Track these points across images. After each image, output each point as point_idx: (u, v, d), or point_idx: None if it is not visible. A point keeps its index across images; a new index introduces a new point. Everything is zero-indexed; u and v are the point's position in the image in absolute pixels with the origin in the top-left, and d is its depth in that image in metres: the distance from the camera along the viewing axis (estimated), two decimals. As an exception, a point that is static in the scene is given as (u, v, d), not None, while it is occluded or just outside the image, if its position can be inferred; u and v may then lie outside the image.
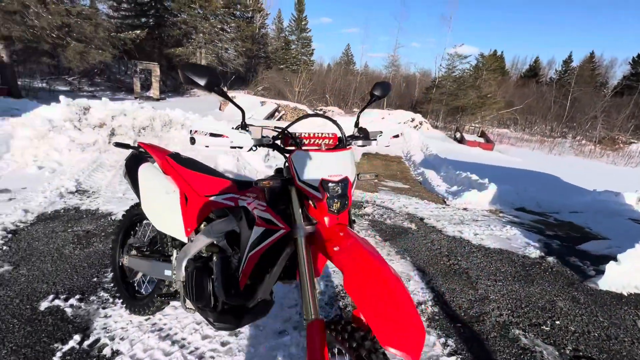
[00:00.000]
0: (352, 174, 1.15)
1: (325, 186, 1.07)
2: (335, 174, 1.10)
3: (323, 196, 1.07)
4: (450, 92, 30.60)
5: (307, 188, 1.08)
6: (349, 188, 1.11)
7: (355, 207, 4.18)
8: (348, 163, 1.15)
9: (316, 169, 1.09)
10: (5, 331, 1.67)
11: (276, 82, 26.61)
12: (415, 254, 3.03)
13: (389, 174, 7.66)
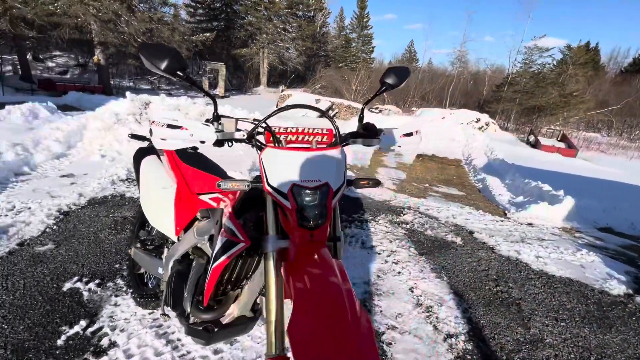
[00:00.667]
0: (336, 179, 0.91)
1: (296, 193, 0.86)
2: (311, 178, 0.87)
3: (292, 206, 0.86)
4: (525, 89, 27.26)
5: (276, 195, 0.88)
6: (329, 198, 0.88)
7: (393, 213, 3.83)
8: (332, 166, 0.92)
9: (288, 172, 0.88)
10: (29, 307, 1.78)
11: (334, 80, 26.61)
12: (454, 273, 2.61)
13: (444, 178, 7.00)
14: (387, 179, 5.97)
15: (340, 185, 0.93)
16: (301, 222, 0.86)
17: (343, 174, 0.95)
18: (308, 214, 0.86)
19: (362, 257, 2.67)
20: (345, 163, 0.97)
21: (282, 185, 0.87)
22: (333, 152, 0.94)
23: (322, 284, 0.77)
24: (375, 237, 3.07)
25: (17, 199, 2.99)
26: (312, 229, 0.87)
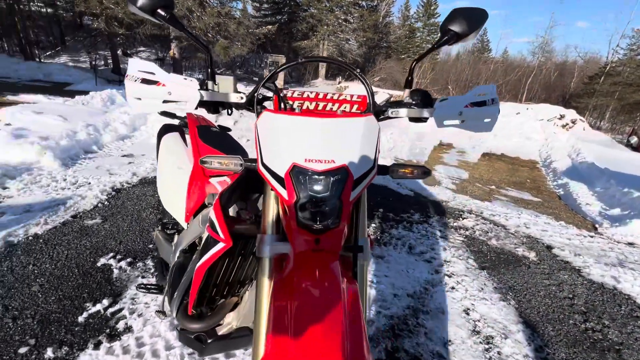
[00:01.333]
0: (360, 162, 0.62)
1: (296, 178, 0.59)
2: (321, 157, 0.60)
3: (289, 197, 0.59)
4: (628, 81, 22.86)
5: (270, 179, 0.62)
6: (345, 187, 0.60)
7: (450, 216, 3.33)
8: (355, 141, 0.63)
9: (289, 146, 0.62)
10: (64, 278, 1.82)
11: (394, 72, 25.48)
12: (525, 297, 2.10)
13: (515, 181, 6.09)
14: (445, 177, 5.36)
15: (366, 171, 0.63)
16: (303, 221, 0.59)
17: (372, 155, 0.65)
18: (313, 210, 0.58)
19: (408, 264, 2.30)
20: (377, 140, 0.67)
21: (278, 164, 0.61)
22: (359, 122, 0.65)
23: (315, 325, 0.49)
24: (427, 242, 2.66)
25: (81, 175, 3.23)
26: (319, 232, 0.60)
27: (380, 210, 3.20)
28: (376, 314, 1.78)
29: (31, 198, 2.67)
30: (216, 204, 0.74)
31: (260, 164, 0.64)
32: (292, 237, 0.62)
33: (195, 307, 0.82)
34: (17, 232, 2.19)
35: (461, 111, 0.74)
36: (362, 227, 0.73)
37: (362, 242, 0.71)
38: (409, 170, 0.74)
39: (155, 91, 0.69)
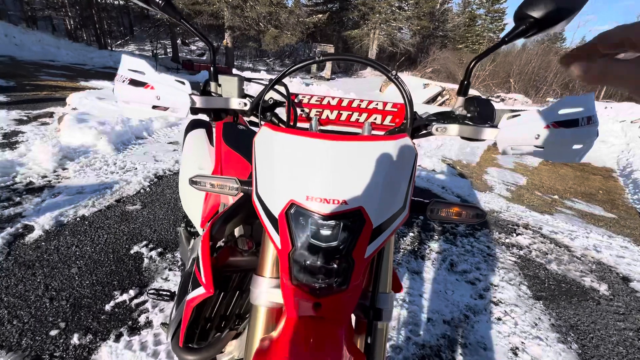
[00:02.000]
0: (384, 201, 0.45)
1: (293, 221, 0.45)
2: (326, 195, 0.44)
3: (283, 244, 0.45)
4: None
5: (262, 215, 0.49)
6: (360, 239, 0.44)
7: (502, 230, 2.95)
8: (378, 174, 0.46)
9: (288, 177, 0.47)
10: (100, 263, 1.89)
11: (449, 63, 23.85)
12: (592, 342, 1.76)
13: (583, 191, 5.33)
14: (499, 182, 4.84)
15: (393, 214, 0.46)
16: (298, 278, 0.45)
17: (403, 191, 0.48)
18: (313, 265, 0.44)
19: (447, 284, 2.06)
20: (412, 171, 0.50)
21: (272, 200, 0.47)
22: (387, 148, 0.48)
23: None
24: (471, 260, 2.37)
25: (129, 160, 3.41)
26: (320, 294, 0.45)
27: (420, 218, 2.94)
28: (405, 340, 1.59)
29: (84, 180, 2.87)
30: (205, 238, 0.63)
31: (255, 194, 0.51)
32: (285, 295, 0.49)
33: (185, 343, 0.73)
34: (68, 212, 2.34)
35: (539, 134, 0.52)
36: (383, 280, 0.56)
37: (382, 302, 0.54)
38: (454, 210, 0.55)
39: (143, 95, 0.59)
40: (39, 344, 1.38)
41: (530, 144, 0.53)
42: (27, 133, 3.79)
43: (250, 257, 0.68)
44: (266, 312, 0.55)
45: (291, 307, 0.48)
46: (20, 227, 2.11)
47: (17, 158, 3.02)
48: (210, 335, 0.75)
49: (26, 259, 1.85)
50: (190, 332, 0.72)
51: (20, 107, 4.83)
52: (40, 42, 13.41)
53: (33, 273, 1.76)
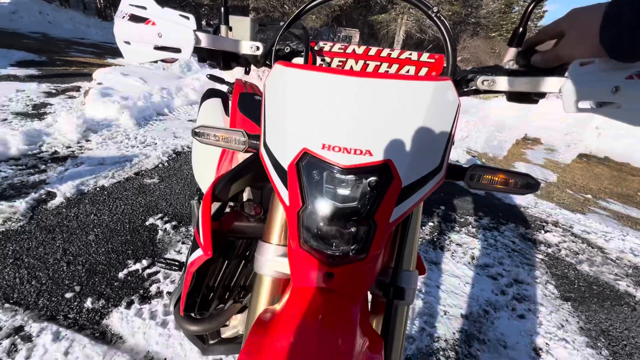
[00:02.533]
0: (419, 158, 0.37)
1: (306, 174, 0.37)
2: (347, 144, 0.36)
3: (292, 201, 0.38)
4: None
5: (270, 168, 0.41)
6: (385, 200, 0.36)
7: (528, 226, 2.78)
8: (413, 121, 0.37)
9: (302, 121, 0.39)
10: (116, 232, 1.91)
11: (480, 52, 22.73)
12: (626, 350, 1.62)
13: (620, 192, 4.97)
14: (527, 177, 4.57)
15: (427, 174, 0.38)
16: (308, 242, 0.38)
17: (441, 147, 0.40)
18: (326, 229, 0.36)
19: (467, 278, 1.95)
20: (453, 123, 0.41)
21: (282, 149, 0.39)
22: (425, 90, 0.39)
23: None
24: (494, 254, 2.24)
25: (149, 135, 3.44)
26: (333, 263, 0.38)
27: (441, 208, 2.81)
28: (419, 331, 1.52)
29: (106, 152, 2.92)
30: (206, 197, 0.56)
31: (263, 146, 0.44)
32: (292, 262, 0.42)
33: (186, 311, 0.68)
34: (88, 182, 2.39)
35: (617, 86, 0.41)
36: (408, 254, 0.48)
37: (405, 280, 0.46)
38: (500, 178, 0.46)
39: (143, 32, 0.52)
40: (55, 305, 1.41)
41: (604, 99, 0.42)
42: (55, 105, 3.89)
43: (257, 224, 0.62)
44: (271, 283, 0.48)
45: (298, 276, 0.41)
46: (43, 193, 2.17)
47: (45, 128, 3.10)
48: (211, 305, 0.70)
49: (47, 223, 1.90)
50: (191, 300, 0.67)
51: (50, 81, 4.98)
52: (72, 20, 13.78)
53: (53, 237, 1.80)
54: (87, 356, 1.21)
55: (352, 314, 0.39)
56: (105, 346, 1.26)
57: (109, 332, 1.33)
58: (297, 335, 0.35)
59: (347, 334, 0.36)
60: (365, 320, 0.41)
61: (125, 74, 4.80)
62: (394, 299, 0.45)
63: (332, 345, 0.35)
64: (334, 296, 0.40)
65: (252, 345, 0.37)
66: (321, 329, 0.35)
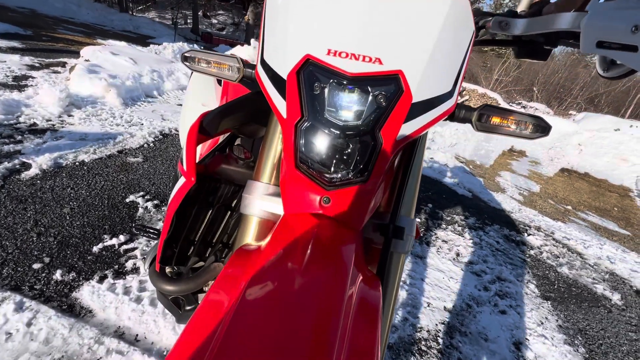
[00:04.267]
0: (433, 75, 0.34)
1: (307, 81, 0.34)
2: (355, 50, 0.33)
3: (289, 111, 0.34)
4: None
5: (266, 83, 0.38)
6: (393, 114, 0.33)
7: (512, 228, 2.82)
8: (429, 35, 0.34)
9: (305, 27, 0.36)
10: (93, 207, 1.82)
11: (472, 64, 23.22)
12: (601, 348, 1.64)
13: (598, 206, 5.14)
14: (512, 186, 4.68)
15: (439, 96, 0.35)
16: (304, 160, 0.34)
17: (454, 71, 0.37)
18: (326, 146, 0.33)
19: (451, 273, 1.95)
20: (466, 48, 0.38)
21: (282, 58, 0.36)
22: (442, 3, 0.36)
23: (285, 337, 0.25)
24: (479, 253, 2.26)
25: (136, 115, 3.33)
26: (332, 185, 0.35)
27: (429, 206, 2.82)
28: (402, 321, 1.50)
29: (89, 128, 2.80)
30: (194, 126, 0.52)
31: (260, 64, 0.40)
32: (285, 186, 0.38)
33: (162, 263, 0.63)
34: (67, 156, 2.27)
35: (637, 24, 0.39)
36: (408, 200, 0.45)
37: (405, 222, 0.43)
38: (511, 120, 0.43)
39: None
40: (20, 275, 1.32)
41: (623, 39, 0.40)
42: (37, 78, 3.72)
43: (245, 170, 0.58)
44: (258, 225, 0.44)
45: (291, 200, 0.37)
46: (17, 163, 2.05)
47: (24, 99, 2.95)
48: (189, 260, 0.66)
49: (19, 194, 1.79)
50: (169, 252, 0.62)
51: (34, 55, 4.77)
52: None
53: (24, 208, 1.69)
54: (52, 328, 1.14)
55: (349, 244, 0.35)
56: (73, 319, 1.18)
57: (77, 305, 1.26)
58: (281, 264, 0.31)
59: (340, 265, 0.33)
60: (359, 259, 0.38)
61: (115, 54, 4.64)
62: (393, 237, 0.42)
63: (323, 276, 0.31)
64: (329, 223, 0.36)
65: (225, 277, 0.33)
66: (311, 258, 0.32)
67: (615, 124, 13.12)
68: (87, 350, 1.10)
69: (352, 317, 0.28)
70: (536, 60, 0.53)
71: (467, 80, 21.09)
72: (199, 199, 0.59)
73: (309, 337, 0.25)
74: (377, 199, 0.39)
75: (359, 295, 0.31)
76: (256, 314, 0.26)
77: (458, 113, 0.45)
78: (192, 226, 0.62)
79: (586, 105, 22.06)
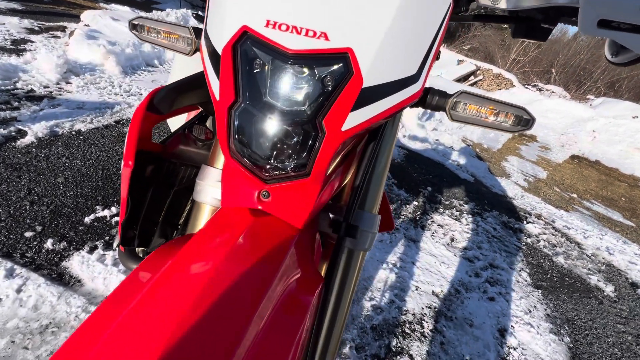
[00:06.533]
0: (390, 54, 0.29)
1: (243, 58, 0.30)
2: (297, 22, 0.28)
3: (222, 92, 0.30)
4: None
5: (205, 58, 0.34)
6: (339, 99, 0.29)
7: (512, 215, 2.78)
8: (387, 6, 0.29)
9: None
10: (88, 177, 1.82)
11: (490, 42, 22.17)
12: (587, 339, 1.65)
13: (605, 195, 5.04)
14: (517, 171, 4.59)
15: (398, 80, 0.31)
16: (240, 149, 0.31)
17: (421, 51, 0.32)
18: (262, 133, 0.29)
19: (444, 258, 1.94)
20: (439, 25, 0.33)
21: (221, 30, 0.31)
22: None
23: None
24: (474, 239, 2.24)
25: (136, 84, 3.27)
26: (270, 179, 0.31)
27: (428, 189, 2.78)
28: (388, 303, 1.51)
29: (86, 97, 2.76)
30: (141, 105, 0.48)
31: (203, 36, 0.36)
32: (223, 175, 0.35)
33: (125, 244, 0.62)
34: (64, 125, 2.26)
35: None
36: (372, 194, 0.41)
37: (362, 221, 0.40)
38: (489, 110, 0.39)
39: None
40: (12, 242, 1.34)
41: (627, 18, 0.34)
42: (36, 43, 3.64)
43: (205, 152, 0.55)
44: (211, 213, 0.42)
45: (228, 192, 0.35)
46: (13, 130, 2.04)
47: (22, 64, 2.90)
48: (152, 241, 0.64)
49: (14, 161, 1.79)
50: (130, 234, 0.61)
51: (34, 18, 4.64)
52: (65, -43, 12.81)
53: (18, 176, 1.70)
54: (41, 295, 1.16)
55: (286, 242, 0.33)
56: (62, 287, 1.21)
57: (67, 274, 1.28)
58: (197, 259, 0.29)
59: (269, 264, 0.30)
60: (307, 256, 0.35)
61: (115, 19, 4.50)
62: (345, 236, 0.39)
63: (242, 275, 0.28)
64: (267, 219, 0.34)
65: (141, 268, 0.31)
66: (233, 255, 0.29)
67: (634, 111, 12.60)
68: (74, 318, 1.13)
69: (268, 319, 0.26)
70: (534, 40, 0.47)
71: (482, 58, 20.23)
72: (156, 180, 0.57)
73: (206, 337, 0.23)
74: (326, 194, 0.36)
75: (286, 295, 0.29)
76: (153, 310, 0.24)
77: (430, 99, 0.40)
78: (153, 207, 0.60)
79: (606, 89, 21.11)
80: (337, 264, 0.39)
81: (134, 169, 0.49)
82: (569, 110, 10.42)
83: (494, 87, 12.89)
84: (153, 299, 0.26)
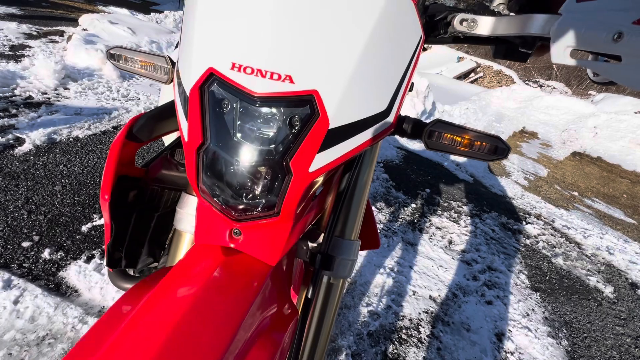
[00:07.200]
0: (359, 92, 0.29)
1: (208, 102, 0.30)
2: (263, 65, 0.28)
3: (190, 133, 0.30)
4: None
5: (177, 99, 0.34)
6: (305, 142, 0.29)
7: (511, 216, 2.77)
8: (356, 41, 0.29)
9: (211, 35, 0.31)
10: (85, 185, 1.83)
11: (490, 39, 22.05)
12: (585, 342, 1.65)
13: (606, 192, 5.01)
14: (518, 170, 4.57)
15: (367, 118, 0.31)
16: (209, 188, 0.31)
17: (391, 87, 0.32)
18: (230, 173, 0.29)
19: (441, 261, 1.94)
20: (411, 57, 0.33)
21: (189, 70, 0.31)
22: (375, 4, 0.30)
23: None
24: (472, 241, 2.23)
25: (134, 89, 3.27)
26: (241, 217, 0.32)
27: (426, 191, 2.78)
28: (385, 308, 1.51)
29: (84, 102, 2.77)
30: (120, 134, 0.48)
31: (175, 74, 0.36)
32: (197, 212, 0.35)
33: (111, 266, 0.62)
34: (61, 131, 2.27)
35: (620, 32, 0.32)
36: (350, 224, 0.41)
37: (339, 250, 0.40)
38: (466, 139, 0.39)
39: None
40: (10, 253, 1.35)
41: (602, 48, 0.34)
42: (34, 48, 3.65)
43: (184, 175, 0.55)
44: (191, 242, 0.42)
45: (200, 229, 0.35)
46: (11, 138, 2.05)
47: (20, 71, 2.91)
48: (139, 261, 0.65)
49: (12, 169, 1.80)
50: (117, 255, 0.61)
51: (32, 22, 4.66)
52: (63, -40, 12.82)
53: (16, 184, 1.71)
54: (38, 306, 1.17)
55: (259, 277, 0.33)
56: (59, 298, 1.22)
57: (64, 284, 1.29)
58: (169, 298, 0.29)
59: (239, 302, 0.30)
60: (283, 289, 0.35)
61: (113, 22, 4.50)
62: (321, 268, 0.39)
63: (211, 313, 0.28)
64: (238, 257, 0.34)
65: (120, 303, 0.31)
66: (204, 294, 0.29)
67: (636, 106, 12.51)
68: (70, 329, 1.14)
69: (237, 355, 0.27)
70: (514, 61, 0.47)
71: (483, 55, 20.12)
72: (140, 204, 0.57)
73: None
74: (298, 230, 0.36)
75: (257, 333, 0.29)
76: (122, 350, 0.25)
77: (406, 128, 0.40)
78: (138, 230, 0.61)
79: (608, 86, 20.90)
80: (316, 295, 0.39)
81: (117, 193, 0.49)
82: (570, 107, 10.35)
83: (494, 84, 12.84)
84: (125, 339, 0.27)
